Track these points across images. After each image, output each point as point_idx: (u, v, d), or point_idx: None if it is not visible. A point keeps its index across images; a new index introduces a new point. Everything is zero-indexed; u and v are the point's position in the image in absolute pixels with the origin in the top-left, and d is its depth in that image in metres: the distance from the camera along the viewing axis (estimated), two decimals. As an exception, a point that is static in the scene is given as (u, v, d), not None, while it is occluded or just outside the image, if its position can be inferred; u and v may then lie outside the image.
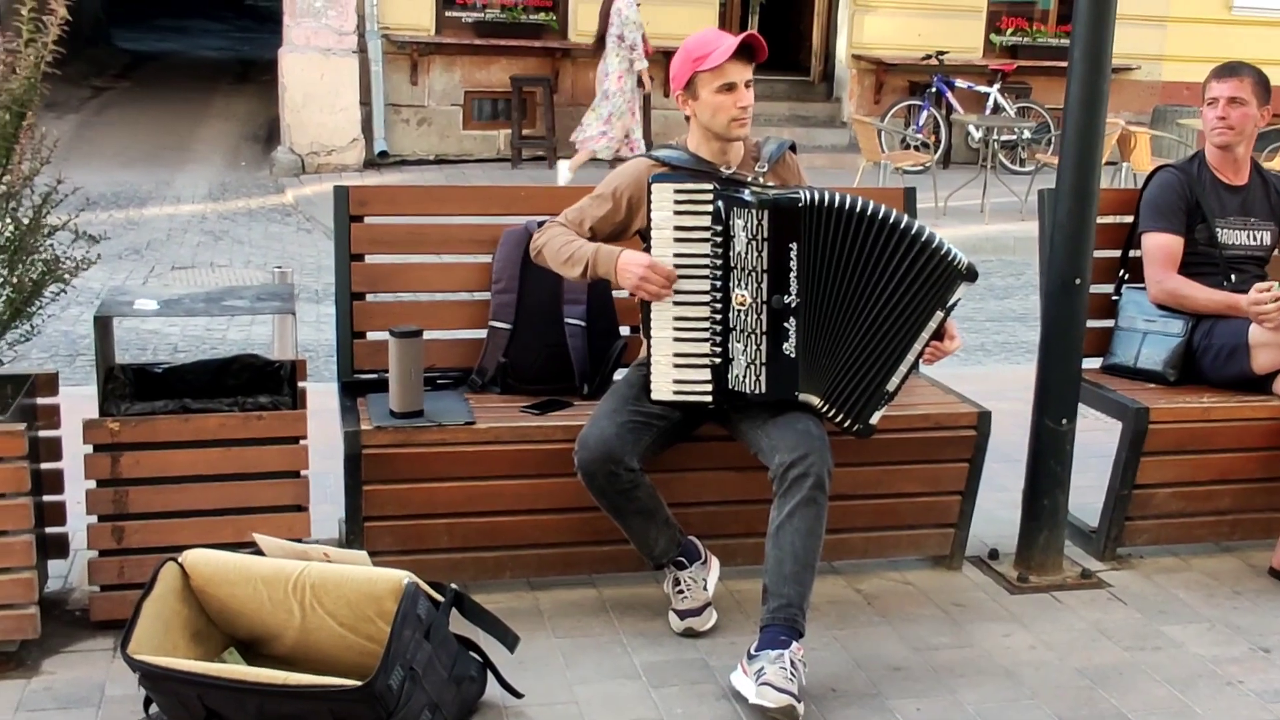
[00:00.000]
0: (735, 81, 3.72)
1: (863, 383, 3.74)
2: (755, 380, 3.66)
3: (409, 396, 3.86)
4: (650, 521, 3.78)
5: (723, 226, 3.61)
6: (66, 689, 3.46)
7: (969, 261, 3.71)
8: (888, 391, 3.76)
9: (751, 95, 3.77)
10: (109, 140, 14.06)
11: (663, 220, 3.65)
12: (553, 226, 3.89)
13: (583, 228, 3.86)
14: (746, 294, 3.63)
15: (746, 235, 3.60)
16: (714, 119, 3.77)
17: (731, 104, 3.73)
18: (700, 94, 3.76)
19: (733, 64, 3.71)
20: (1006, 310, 9.17)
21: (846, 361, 3.72)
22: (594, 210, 3.88)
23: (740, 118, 3.75)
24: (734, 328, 3.65)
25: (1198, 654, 3.91)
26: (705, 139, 3.85)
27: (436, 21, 13.72)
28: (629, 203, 3.85)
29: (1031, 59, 15.15)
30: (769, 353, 3.65)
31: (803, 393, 3.70)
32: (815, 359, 3.70)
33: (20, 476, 3.43)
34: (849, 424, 3.78)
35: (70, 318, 7.51)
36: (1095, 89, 4.07)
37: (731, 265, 3.62)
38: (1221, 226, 4.58)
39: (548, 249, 3.84)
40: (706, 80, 3.74)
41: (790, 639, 3.46)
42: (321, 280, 8.98)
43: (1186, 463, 4.44)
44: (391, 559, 3.59)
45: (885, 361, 3.73)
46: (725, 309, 3.65)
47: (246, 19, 28.34)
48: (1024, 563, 4.37)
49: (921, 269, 3.68)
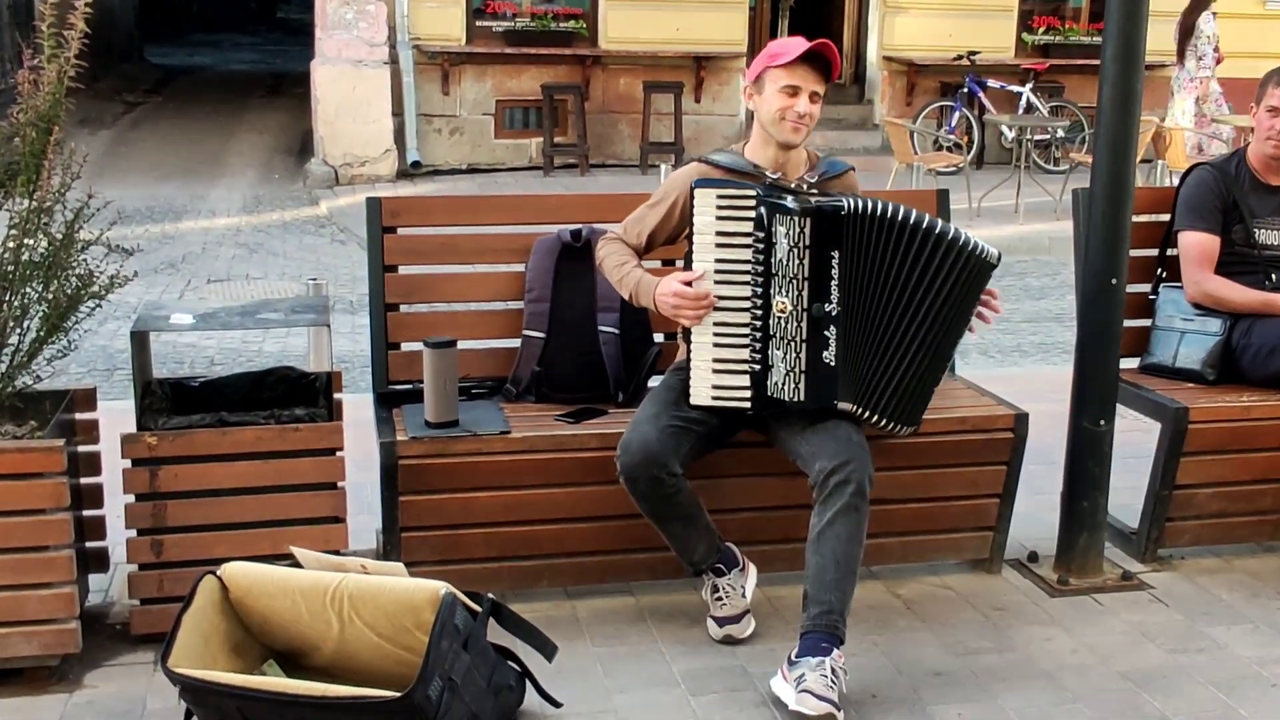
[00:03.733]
0: (800, 85, 3.76)
1: (909, 387, 3.74)
2: (794, 388, 3.65)
3: (444, 407, 3.86)
4: (691, 527, 3.78)
5: (764, 233, 3.60)
6: (108, 703, 3.48)
7: (996, 251, 3.75)
8: (931, 393, 3.81)
9: (816, 109, 3.79)
10: (143, 155, 14.18)
11: (705, 225, 3.66)
12: (610, 242, 3.94)
13: (641, 237, 3.92)
14: (787, 301, 3.62)
15: (789, 242, 3.59)
16: (769, 115, 3.79)
17: (789, 105, 3.76)
18: (766, 88, 3.80)
19: (804, 69, 3.75)
20: (1042, 311, 9.12)
21: (890, 368, 3.71)
22: (651, 219, 3.93)
23: (795, 123, 3.77)
24: (774, 335, 3.64)
25: (1242, 655, 3.87)
26: (764, 143, 3.87)
27: (467, 31, 13.78)
28: (682, 208, 3.86)
29: (1063, 58, 15.07)
30: (809, 361, 3.64)
31: (841, 401, 3.69)
32: (855, 367, 3.69)
33: (60, 491, 3.45)
34: (894, 427, 3.78)
35: (107, 332, 7.57)
36: (1129, 88, 4.03)
37: (773, 272, 3.62)
38: (1259, 226, 4.53)
39: (605, 265, 3.92)
40: (775, 76, 3.77)
41: (831, 646, 3.44)
42: (356, 291, 9.01)
43: (1227, 462, 4.39)
44: (428, 569, 3.60)
45: (932, 364, 3.76)
46: (765, 316, 3.64)
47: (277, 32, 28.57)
48: (1064, 565, 4.34)
49: (958, 270, 3.69)
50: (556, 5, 14.17)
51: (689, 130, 13.96)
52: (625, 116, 14.26)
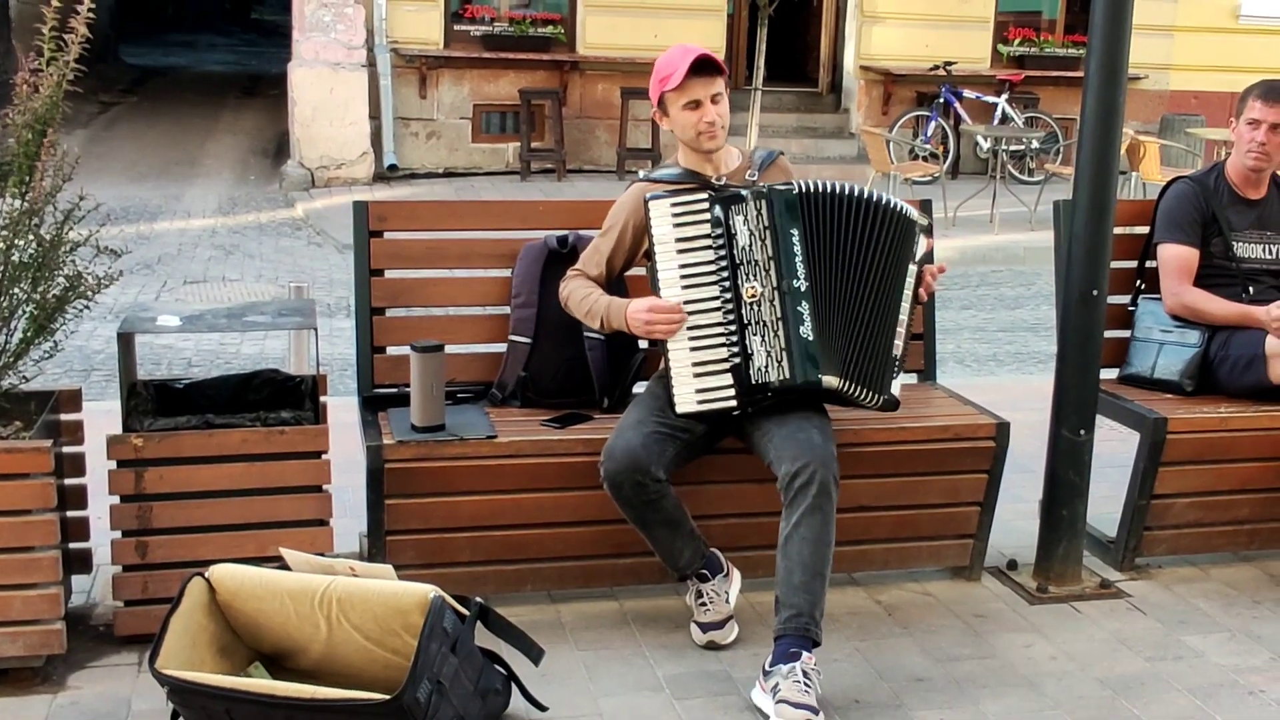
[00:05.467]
0: (699, 98, 3.82)
1: (873, 353, 3.80)
2: (778, 368, 3.69)
3: (431, 411, 3.87)
4: (676, 533, 3.80)
5: (723, 228, 3.69)
6: (93, 704, 3.48)
7: (919, 214, 3.90)
8: (895, 358, 3.84)
9: (721, 108, 3.85)
10: (118, 155, 14.11)
11: (664, 235, 3.72)
12: (573, 279, 3.98)
13: (601, 266, 3.96)
14: (756, 285, 3.69)
15: (748, 229, 3.68)
16: (685, 134, 3.89)
17: (698, 119, 3.84)
18: (670, 112, 3.88)
19: (695, 81, 3.80)
20: (1018, 320, 9.16)
21: (855, 336, 3.77)
22: (605, 246, 3.98)
23: (707, 131, 3.85)
24: (749, 323, 3.69)
25: (1219, 663, 3.91)
26: (689, 153, 3.95)
27: (445, 35, 13.77)
28: (634, 229, 3.93)
29: (1039, 69, 15.16)
30: (787, 338, 3.69)
31: (824, 374, 3.72)
32: (829, 340, 3.74)
33: (46, 492, 3.45)
34: (872, 398, 3.82)
35: (85, 333, 7.54)
36: (1111, 101, 4.07)
37: (738, 262, 3.69)
38: (1237, 239, 4.58)
39: (570, 302, 3.95)
40: (673, 99, 3.85)
41: (802, 649, 3.47)
42: (334, 294, 9.01)
43: (1205, 472, 4.44)
44: (413, 573, 3.60)
45: (886, 327, 3.81)
46: (738, 308, 3.70)
47: (252, 33, 28.47)
48: (1043, 573, 4.38)
49: (892, 233, 3.80)
50: (535, 10, 14.19)
51: (666, 136, 13.89)
52: (602, 122, 14.28)
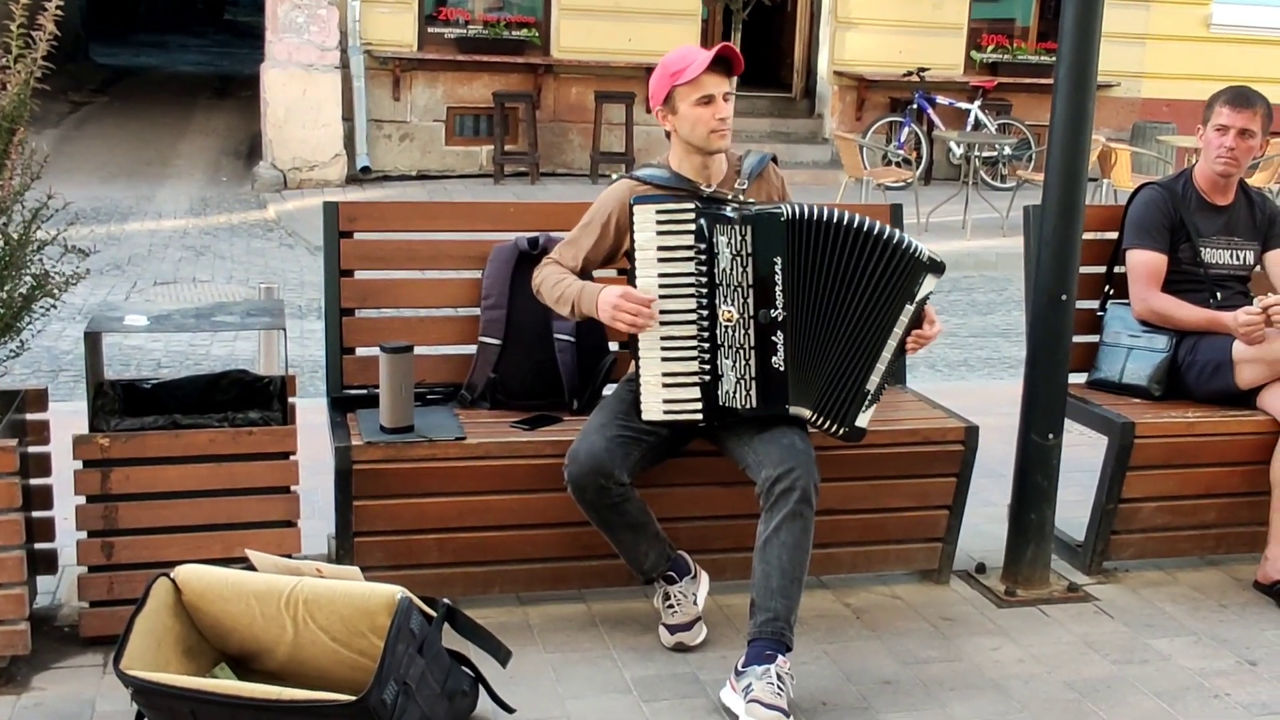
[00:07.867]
0: (713, 94, 3.74)
1: (846, 387, 3.75)
2: (745, 395, 3.67)
3: (400, 412, 3.86)
4: (640, 536, 3.79)
5: (706, 244, 3.63)
6: (57, 705, 3.46)
7: (931, 253, 3.73)
8: (868, 392, 3.75)
9: (730, 108, 3.78)
10: (89, 155, 14.02)
11: (646, 241, 3.67)
12: (547, 265, 3.92)
13: (577, 260, 3.90)
14: (734, 310, 3.65)
15: (730, 252, 3.62)
16: (693, 132, 3.78)
17: (710, 116, 3.74)
18: (679, 108, 3.78)
19: (710, 76, 3.73)
20: (990, 326, 9.20)
21: (830, 369, 3.73)
22: (585, 239, 3.91)
23: (719, 129, 3.77)
24: (722, 344, 3.66)
25: (1185, 667, 3.93)
26: (686, 155, 3.86)
27: (419, 37, 13.73)
28: (616, 226, 3.87)
29: (1012, 76, 15.23)
30: (758, 367, 3.66)
31: (794, 405, 3.71)
32: (803, 370, 3.71)
33: (12, 492, 3.42)
34: (837, 429, 3.78)
35: (53, 333, 7.49)
36: (1081, 107, 4.09)
37: (717, 282, 3.64)
38: (1205, 245, 4.61)
39: (543, 289, 3.89)
40: (685, 94, 3.75)
41: (776, 653, 3.47)
42: (304, 296, 8.98)
43: (1172, 477, 4.46)
44: (381, 574, 3.58)
45: (864, 361, 3.73)
46: (713, 326, 3.66)
47: (225, 34, 28.35)
48: (1011, 577, 4.39)
49: (887, 267, 3.70)
50: (509, 13, 14.16)
51: (640, 140, 13.98)
52: (576, 126, 14.27)
